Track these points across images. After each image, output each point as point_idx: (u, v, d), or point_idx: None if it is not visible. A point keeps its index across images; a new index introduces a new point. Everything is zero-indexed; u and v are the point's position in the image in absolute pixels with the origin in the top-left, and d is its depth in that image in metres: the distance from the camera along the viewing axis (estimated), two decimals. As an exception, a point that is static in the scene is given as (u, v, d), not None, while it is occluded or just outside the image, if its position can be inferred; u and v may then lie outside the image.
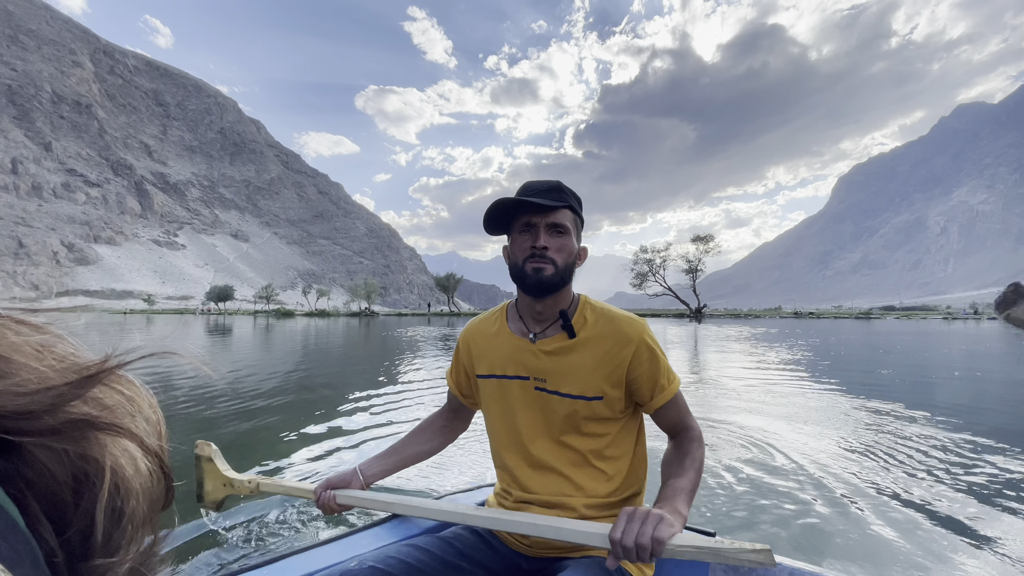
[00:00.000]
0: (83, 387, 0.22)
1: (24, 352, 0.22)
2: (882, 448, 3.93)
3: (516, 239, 1.15)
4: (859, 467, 3.47)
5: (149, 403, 0.27)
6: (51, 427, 0.21)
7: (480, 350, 1.28)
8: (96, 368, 0.23)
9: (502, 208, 1.14)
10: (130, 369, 0.26)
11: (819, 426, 4.76)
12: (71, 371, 0.23)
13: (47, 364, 0.22)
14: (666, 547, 0.85)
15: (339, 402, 6.12)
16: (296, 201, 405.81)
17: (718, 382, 7.68)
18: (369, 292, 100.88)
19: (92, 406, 0.23)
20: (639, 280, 71.03)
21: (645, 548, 0.85)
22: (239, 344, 18.08)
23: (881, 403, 5.85)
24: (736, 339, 19.50)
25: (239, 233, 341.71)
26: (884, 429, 4.57)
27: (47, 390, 0.21)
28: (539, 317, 1.19)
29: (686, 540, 0.86)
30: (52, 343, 0.24)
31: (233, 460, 2.04)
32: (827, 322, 45.59)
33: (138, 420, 0.25)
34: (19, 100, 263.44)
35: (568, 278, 1.15)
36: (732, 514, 2.68)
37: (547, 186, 1.15)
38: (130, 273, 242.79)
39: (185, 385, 8.51)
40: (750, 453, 3.81)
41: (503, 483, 1.26)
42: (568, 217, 1.14)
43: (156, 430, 0.27)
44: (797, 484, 3.13)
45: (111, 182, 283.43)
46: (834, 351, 14.35)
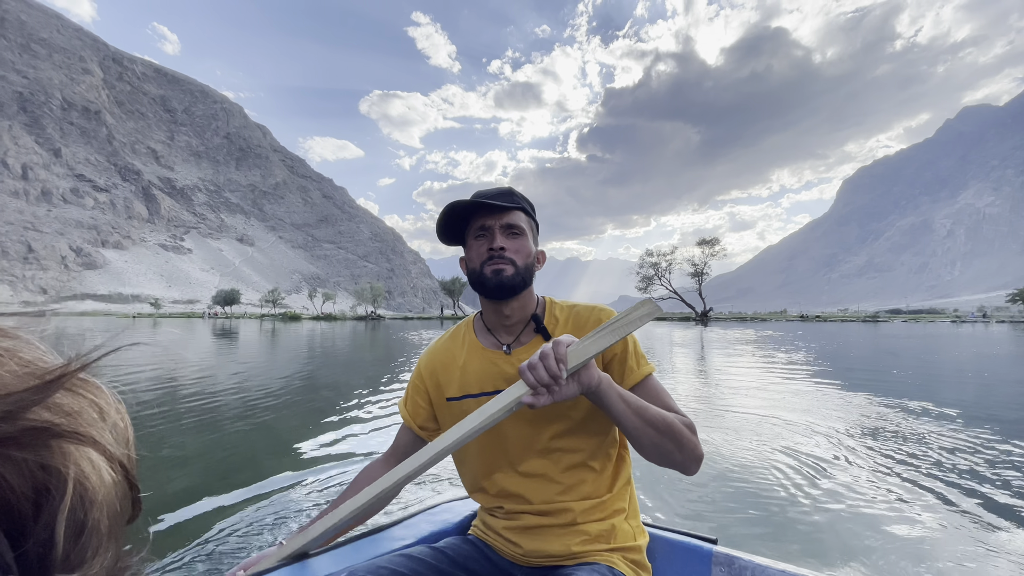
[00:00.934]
0: (43, 392, 0.21)
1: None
2: (905, 452, 3.86)
3: (472, 245, 1.13)
4: (878, 471, 3.39)
5: (117, 409, 0.26)
6: (7, 435, 0.20)
7: (448, 373, 1.21)
8: (59, 372, 0.22)
9: (454, 214, 1.12)
10: (98, 371, 0.25)
11: (830, 427, 4.69)
12: (32, 376, 0.22)
13: (8, 370, 0.21)
14: (568, 352, 0.86)
15: (348, 403, 6.19)
16: (301, 205, 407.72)
17: (727, 384, 7.71)
18: (375, 296, 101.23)
19: (55, 413, 0.22)
20: (645, 283, 71.29)
21: (547, 354, 0.86)
22: (249, 347, 18.38)
23: (894, 404, 5.83)
24: (743, 342, 19.63)
25: (244, 237, 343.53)
26: (903, 431, 4.50)
27: (3, 396, 0.20)
28: (508, 326, 1.17)
29: (586, 336, 0.89)
30: (18, 348, 0.23)
31: (239, 464, 2.42)
32: (834, 325, 45.52)
33: (104, 427, 0.24)
34: (30, 107, 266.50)
35: (529, 279, 1.13)
36: (739, 519, 2.65)
37: (499, 191, 1.14)
38: (137, 277, 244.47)
39: (189, 389, 8.80)
40: (758, 457, 3.75)
41: (491, 501, 1.20)
42: (522, 219, 1.13)
43: (123, 437, 0.26)
44: (806, 488, 3.07)
45: (119, 187, 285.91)
46: (843, 353, 14.48)
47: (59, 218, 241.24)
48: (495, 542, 1.18)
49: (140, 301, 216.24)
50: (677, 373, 9.02)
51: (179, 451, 4.11)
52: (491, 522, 1.19)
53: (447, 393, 1.20)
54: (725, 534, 2.42)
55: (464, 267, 1.18)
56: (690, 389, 7.14)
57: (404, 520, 1.40)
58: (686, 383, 7.75)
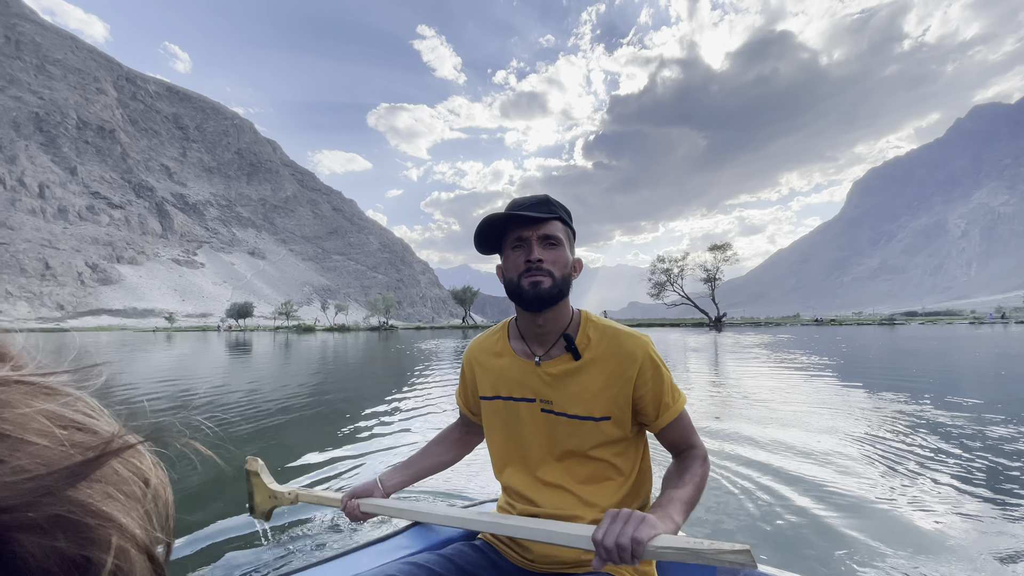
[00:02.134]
0: (79, 476, 0.21)
1: (30, 427, 0.20)
2: (932, 455, 3.76)
3: (509, 255, 1.13)
4: (897, 476, 3.30)
5: (158, 476, 0.25)
6: (32, 523, 0.19)
7: (484, 371, 1.26)
8: (99, 449, 0.22)
9: (492, 225, 1.12)
10: (145, 434, 0.24)
11: (849, 431, 4.58)
12: (78, 448, 0.21)
13: (53, 440, 0.21)
14: (647, 548, 0.84)
15: (365, 411, 6.20)
16: (311, 218, 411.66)
17: (745, 390, 7.54)
18: (387, 306, 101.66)
19: (94, 490, 0.21)
20: (657, 290, 70.71)
21: (625, 548, 0.84)
22: (266, 360, 18.51)
23: (921, 405, 5.72)
24: (760, 346, 19.43)
25: (256, 251, 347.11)
26: (930, 434, 4.36)
27: (36, 479, 0.19)
28: (541, 336, 1.17)
29: (667, 541, 0.86)
30: (63, 411, 0.22)
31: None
32: (849, 329, 44.88)
33: (143, 503, 0.24)
34: (46, 127, 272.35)
35: (566, 290, 1.13)
36: (746, 528, 2.58)
37: (535, 200, 1.13)
38: (151, 292, 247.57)
39: (219, 400, 8.85)
40: (770, 464, 3.65)
41: (508, 497, 1.24)
42: (559, 229, 1.13)
43: (164, 506, 0.25)
44: (817, 495, 2.99)
45: (133, 204, 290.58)
46: (863, 356, 14.28)
47: (75, 235, 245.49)
48: (504, 548, 1.19)
49: (154, 315, 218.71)
50: (696, 380, 8.86)
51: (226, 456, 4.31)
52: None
53: (481, 392, 1.27)
54: (732, 543, 2.16)
55: (501, 276, 1.18)
56: (708, 396, 7.01)
57: (412, 527, 1.42)
58: (705, 390, 7.60)
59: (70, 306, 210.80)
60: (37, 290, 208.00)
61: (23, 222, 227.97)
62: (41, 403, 0.22)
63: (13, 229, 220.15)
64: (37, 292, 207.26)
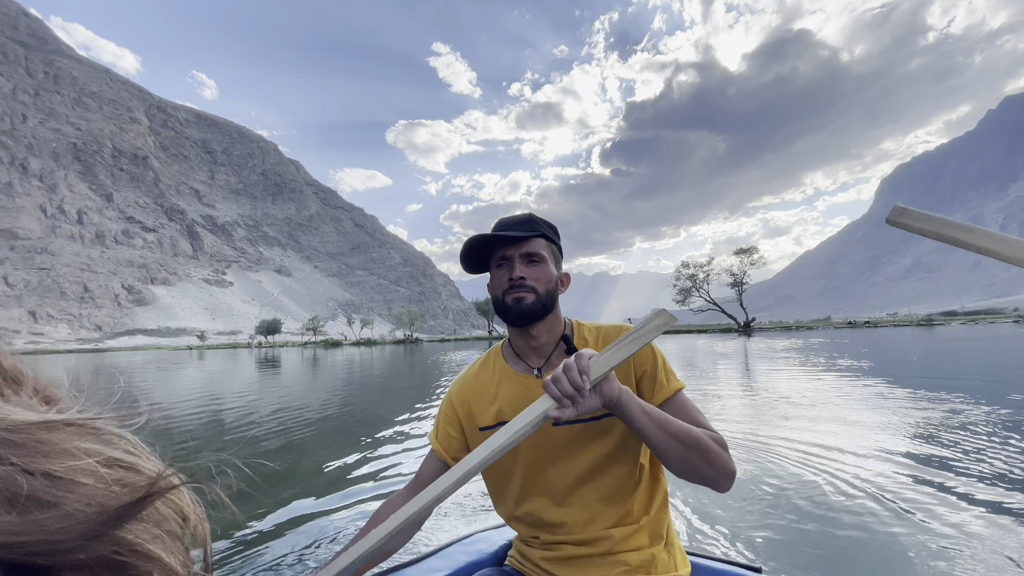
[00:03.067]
0: (125, 517, 0.21)
1: (79, 468, 0.21)
2: (986, 473, 3.46)
3: (494, 274, 1.17)
4: (951, 492, 3.07)
5: (197, 515, 0.26)
6: (82, 563, 0.20)
7: (480, 402, 1.22)
8: (144, 490, 0.22)
9: (476, 246, 1.15)
10: (184, 472, 0.25)
11: (893, 442, 4.36)
12: (122, 490, 0.22)
13: (100, 480, 0.21)
14: (590, 364, 0.87)
15: (398, 418, 6.27)
16: (334, 235, 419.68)
17: (776, 398, 7.20)
18: (412, 319, 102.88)
19: (136, 528, 0.22)
20: (683, 296, 69.88)
21: (570, 366, 0.87)
22: (303, 375, 18.76)
23: (968, 414, 5.43)
24: (791, 351, 18.95)
25: (282, 268, 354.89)
26: (983, 446, 4.09)
27: (86, 522, 0.20)
28: (537, 349, 1.19)
29: (607, 348, 0.89)
30: (108, 451, 0.23)
31: (284, 487, 2.53)
32: (886, 331, 43.38)
33: (178, 543, 0.24)
34: (83, 156, 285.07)
35: (551, 305, 1.15)
36: (784, 545, 2.48)
37: (519, 219, 1.17)
38: (183, 311, 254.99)
39: (247, 414, 8.96)
40: (807, 477, 3.50)
41: (529, 529, 1.19)
42: (542, 246, 1.15)
43: (201, 545, 0.26)
44: (860, 512, 2.82)
45: (165, 227, 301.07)
46: (902, 360, 13.79)
47: (112, 258, 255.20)
48: (532, 573, 1.17)
49: (186, 334, 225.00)
50: (723, 387, 8.55)
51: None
52: (528, 552, 1.18)
53: (480, 423, 1.21)
54: (770, 562, 2.28)
55: (491, 293, 1.21)
56: (737, 405, 6.79)
57: (438, 551, 1.38)
58: (733, 399, 7.36)
59: (107, 327, 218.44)
60: (77, 312, 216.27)
61: (63, 247, 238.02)
62: (87, 443, 0.22)
63: (54, 255, 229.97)
64: (77, 314, 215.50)
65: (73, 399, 0.25)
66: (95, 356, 62.44)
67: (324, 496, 3.58)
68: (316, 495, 3.58)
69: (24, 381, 0.24)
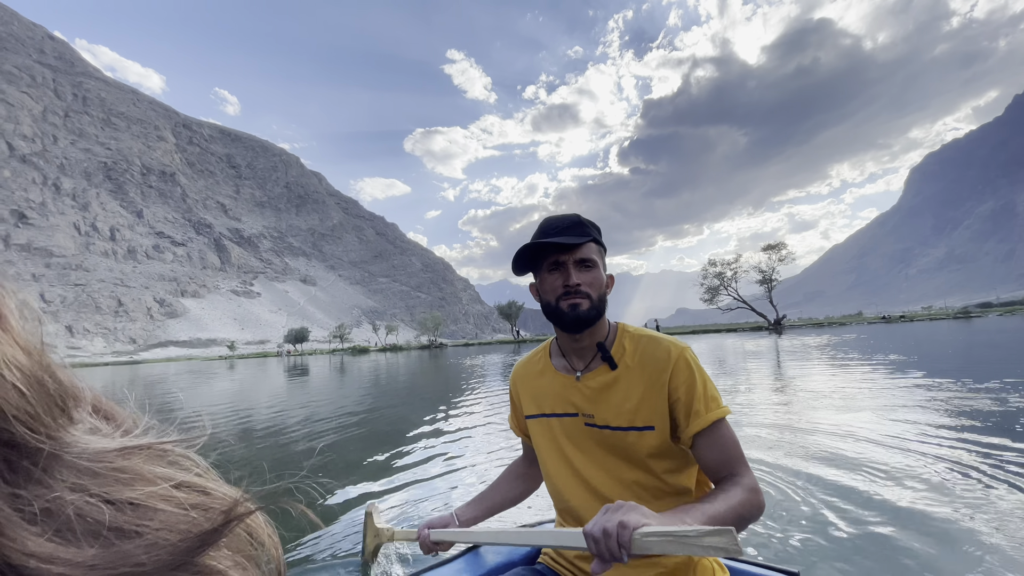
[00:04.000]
0: (207, 544, 0.21)
1: (157, 495, 0.20)
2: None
3: (546, 278, 1.15)
4: (996, 492, 2.95)
5: (271, 537, 0.25)
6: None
7: (527, 391, 1.29)
8: (224, 516, 0.22)
9: (529, 249, 1.15)
10: (260, 498, 0.24)
11: (938, 443, 4.13)
12: (200, 515, 0.21)
13: (178, 506, 0.21)
14: (632, 535, 0.83)
15: (427, 418, 6.37)
16: (357, 244, 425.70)
17: (812, 398, 6.83)
18: (436, 324, 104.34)
19: (215, 556, 0.21)
20: (710, 295, 68.58)
21: (611, 533, 0.82)
22: (339, 382, 18.83)
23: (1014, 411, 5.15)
24: (825, 348, 18.29)
25: (307, 278, 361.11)
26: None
27: (170, 550, 0.19)
28: (580, 351, 1.20)
29: (654, 529, 0.83)
30: (181, 475, 0.22)
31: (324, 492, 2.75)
32: (921, 325, 41.80)
33: (255, 567, 0.24)
34: (114, 175, 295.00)
35: (603, 309, 1.15)
36: (823, 550, 2.40)
37: (569, 222, 1.15)
38: (213, 323, 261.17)
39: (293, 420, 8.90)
40: (846, 479, 3.37)
41: (564, 522, 1.23)
42: (594, 250, 1.15)
43: (276, 567, 0.26)
44: (901, 515, 2.73)
45: (194, 241, 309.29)
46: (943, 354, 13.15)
47: (144, 273, 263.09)
48: (566, 572, 1.18)
49: (216, 344, 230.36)
50: (756, 390, 8.17)
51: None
52: (564, 551, 1.20)
53: (526, 410, 1.30)
54: (810, 567, 2.26)
55: (536, 295, 1.20)
56: (769, 407, 6.44)
57: (470, 551, 1.42)
58: (765, 400, 7.02)
59: (141, 339, 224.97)
60: (111, 326, 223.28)
61: (97, 264, 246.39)
62: (161, 468, 0.22)
63: (88, 271, 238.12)
64: (111, 328, 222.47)
65: (133, 418, 0.24)
66: (131, 368, 64.21)
67: (381, 482, 3.80)
68: (374, 485, 3.76)
69: (82, 397, 0.22)
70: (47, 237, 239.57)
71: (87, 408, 0.22)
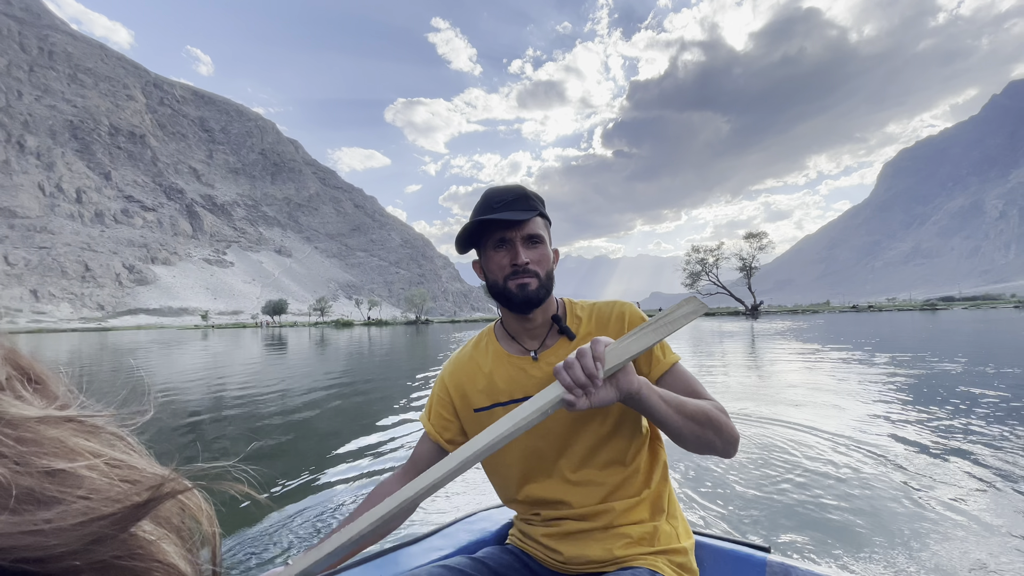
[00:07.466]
0: (131, 520, 0.20)
1: (83, 467, 0.20)
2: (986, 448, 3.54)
3: (491, 256, 1.09)
4: (952, 470, 3.12)
5: (207, 514, 0.25)
6: (75, 569, 0.18)
7: (474, 383, 1.18)
8: (151, 491, 0.21)
9: (475, 230, 1.08)
10: (192, 477, 0.23)
11: (897, 422, 4.35)
12: (131, 490, 0.20)
13: (104, 476, 0.20)
14: (606, 352, 0.82)
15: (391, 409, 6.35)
16: (334, 216, 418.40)
17: (782, 379, 7.37)
18: (422, 301, 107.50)
19: (140, 533, 0.21)
20: (692, 280, 71.70)
21: (584, 352, 0.82)
22: (325, 354, 19.33)
23: (973, 395, 5.51)
24: (796, 334, 19.54)
25: (283, 249, 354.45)
26: (989, 427, 4.11)
27: (89, 524, 0.18)
28: (532, 331, 1.15)
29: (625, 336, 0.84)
30: (109, 451, 0.22)
31: (282, 467, 2.74)
32: (889, 315, 44.17)
33: (186, 544, 0.23)
34: (80, 134, 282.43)
35: (551, 287, 1.11)
36: (791, 526, 2.45)
37: (513, 195, 1.08)
38: (185, 291, 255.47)
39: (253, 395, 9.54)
40: (812, 457, 3.50)
41: (527, 510, 1.17)
42: (540, 225, 1.10)
43: (211, 544, 0.25)
44: (866, 491, 2.84)
45: (165, 206, 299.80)
46: (909, 342, 14.35)
47: (112, 238, 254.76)
48: (534, 550, 1.15)
49: (188, 313, 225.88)
50: (731, 369, 8.96)
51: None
52: (528, 530, 1.17)
53: (475, 404, 1.17)
54: (778, 542, 2.28)
55: (480, 273, 1.14)
56: (740, 386, 6.95)
57: (442, 529, 1.39)
58: (737, 379, 7.59)
59: (110, 306, 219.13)
60: (78, 291, 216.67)
61: (63, 226, 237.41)
62: (87, 442, 0.21)
63: (54, 233, 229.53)
64: (78, 293, 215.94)
65: (72, 395, 0.24)
66: (99, 335, 63.06)
67: (327, 469, 3.72)
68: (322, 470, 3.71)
69: (17, 363, 0.22)
70: (11, 197, 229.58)
71: (21, 376, 0.22)
